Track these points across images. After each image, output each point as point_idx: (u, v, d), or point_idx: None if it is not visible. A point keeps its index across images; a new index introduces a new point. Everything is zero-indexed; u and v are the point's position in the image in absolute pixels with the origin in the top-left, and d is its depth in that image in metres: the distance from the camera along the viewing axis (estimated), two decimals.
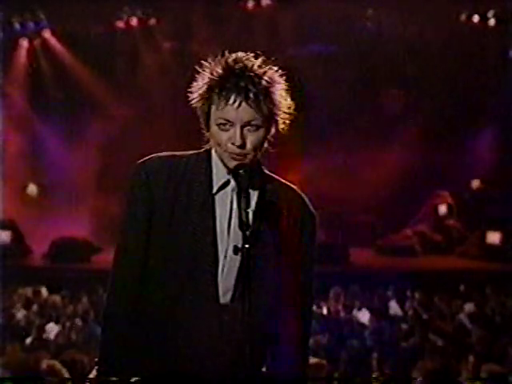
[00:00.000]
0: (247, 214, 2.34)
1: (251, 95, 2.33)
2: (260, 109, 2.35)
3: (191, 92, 2.46)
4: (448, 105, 14.79)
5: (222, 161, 2.45)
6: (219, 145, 2.41)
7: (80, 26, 15.03)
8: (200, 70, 2.42)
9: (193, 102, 2.47)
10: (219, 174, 2.47)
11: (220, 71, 2.38)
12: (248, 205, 2.36)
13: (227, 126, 2.38)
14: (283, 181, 2.56)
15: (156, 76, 15.44)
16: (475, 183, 15.48)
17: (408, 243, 14.20)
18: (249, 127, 2.36)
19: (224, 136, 2.39)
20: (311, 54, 14.70)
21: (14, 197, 13.98)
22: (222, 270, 2.43)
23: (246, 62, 2.38)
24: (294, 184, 2.59)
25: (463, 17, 14.94)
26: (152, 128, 15.04)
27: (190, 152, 2.55)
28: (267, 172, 2.53)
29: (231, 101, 2.34)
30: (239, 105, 2.34)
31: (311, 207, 2.55)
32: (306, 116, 2.57)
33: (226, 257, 2.43)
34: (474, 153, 15.20)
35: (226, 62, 2.38)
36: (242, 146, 2.36)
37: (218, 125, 2.39)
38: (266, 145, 2.45)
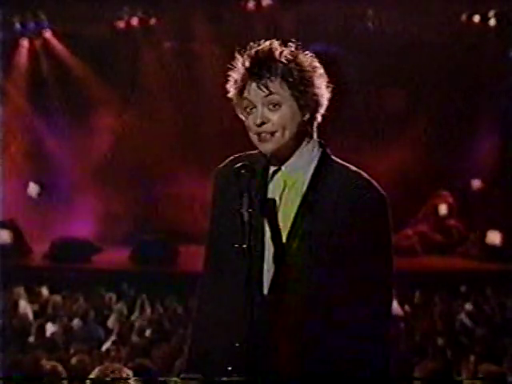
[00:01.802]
0: (250, 214, 2.35)
1: (266, 74, 2.38)
2: (275, 85, 2.38)
3: (227, 86, 2.47)
4: (448, 105, 14.79)
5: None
6: (250, 131, 2.44)
7: (80, 26, 15.02)
8: (231, 65, 2.46)
9: (231, 95, 2.48)
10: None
11: (245, 62, 2.42)
12: (251, 205, 2.37)
13: (251, 109, 2.41)
14: (349, 166, 2.51)
15: (156, 75, 15.44)
16: (476, 183, 15.47)
17: (408, 243, 14.19)
18: (269, 106, 2.39)
19: (250, 119, 2.42)
20: (312, 54, 14.67)
21: (14, 197, 13.97)
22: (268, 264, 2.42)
23: (268, 47, 2.43)
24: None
25: (464, 17, 14.94)
26: (153, 127, 15.05)
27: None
28: (333, 157, 2.51)
29: (249, 82, 2.40)
30: (255, 84, 2.39)
31: (379, 190, 2.45)
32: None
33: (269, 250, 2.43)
34: (474, 153, 15.19)
35: (250, 52, 2.43)
36: (262, 124, 2.38)
37: (245, 109, 2.44)
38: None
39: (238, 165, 2.45)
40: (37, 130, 15.68)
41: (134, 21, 15.30)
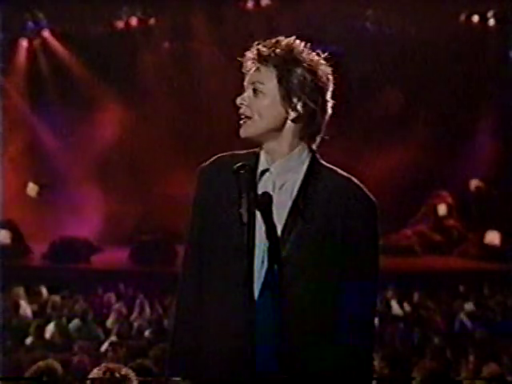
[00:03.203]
0: (249, 214, 2.35)
1: (261, 61, 2.41)
2: (265, 73, 2.40)
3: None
4: (448, 104, 14.80)
5: None
6: None
7: (79, 26, 15.03)
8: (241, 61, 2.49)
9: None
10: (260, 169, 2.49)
11: (256, 51, 2.45)
12: (250, 205, 2.37)
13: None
14: (338, 171, 2.50)
15: (155, 75, 15.44)
16: (475, 183, 15.48)
17: (408, 243, 14.22)
18: (255, 91, 2.42)
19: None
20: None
21: (14, 197, 13.98)
22: (258, 264, 2.41)
23: (273, 42, 2.44)
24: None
25: (463, 17, 14.95)
26: (151, 127, 15.05)
27: (249, 151, 2.54)
28: (323, 162, 2.50)
29: (247, 67, 2.45)
30: (249, 68, 2.44)
31: (369, 196, 2.47)
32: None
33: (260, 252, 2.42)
34: (473, 153, 15.20)
35: (269, 43, 2.45)
36: (242, 105, 2.43)
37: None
38: (284, 123, 2.44)
39: (237, 164, 2.45)
40: (36, 130, 15.69)
41: (133, 21, 15.30)
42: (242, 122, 2.45)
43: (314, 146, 2.48)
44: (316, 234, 2.39)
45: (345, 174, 2.50)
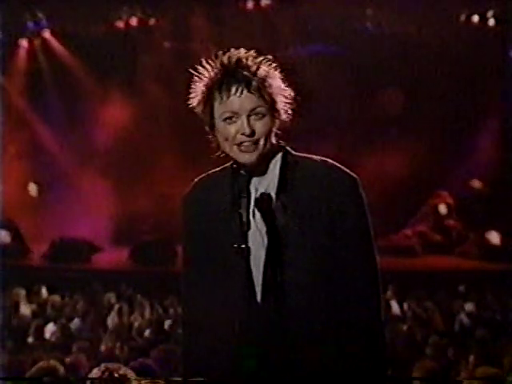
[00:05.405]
0: (248, 214, 2.35)
1: (253, 83, 2.37)
2: (262, 96, 2.37)
3: (191, 96, 2.46)
4: (447, 105, 14.79)
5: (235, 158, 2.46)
6: (227, 140, 2.41)
7: (80, 26, 15.02)
8: (197, 74, 2.44)
9: (193, 104, 2.46)
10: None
11: (217, 70, 2.41)
12: (248, 205, 2.37)
13: (233, 119, 2.39)
14: (312, 157, 2.50)
15: (155, 76, 15.43)
16: (475, 183, 15.47)
17: (408, 243, 14.20)
18: (254, 116, 2.38)
19: (232, 129, 2.40)
20: (311, 54, 14.68)
21: (14, 197, 13.97)
22: (254, 267, 2.41)
23: (240, 56, 2.41)
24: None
25: (463, 17, 14.94)
26: (151, 127, 15.05)
27: (224, 166, 2.54)
28: (295, 153, 2.50)
29: (233, 91, 2.38)
30: (241, 93, 2.37)
31: (349, 172, 2.47)
32: (305, 116, 2.55)
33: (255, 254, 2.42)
34: (473, 153, 15.20)
35: (221, 60, 2.41)
36: (252, 134, 2.37)
37: (225, 119, 2.41)
38: (273, 137, 2.46)
39: (235, 165, 2.45)
40: (36, 130, 15.69)
41: (133, 21, 15.29)
42: (244, 148, 2.39)
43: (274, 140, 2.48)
44: (303, 223, 2.39)
45: (318, 157, 2.50)
